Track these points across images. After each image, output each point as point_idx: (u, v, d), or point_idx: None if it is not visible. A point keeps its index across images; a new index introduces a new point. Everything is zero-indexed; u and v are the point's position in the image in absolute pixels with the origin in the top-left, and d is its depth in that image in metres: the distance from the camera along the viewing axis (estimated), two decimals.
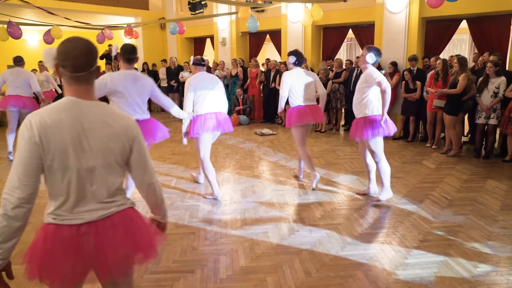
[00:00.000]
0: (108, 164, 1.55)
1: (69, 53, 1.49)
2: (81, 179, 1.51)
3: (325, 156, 6.36)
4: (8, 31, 7.36)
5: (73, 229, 1.53)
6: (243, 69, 9.91)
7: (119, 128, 1.57)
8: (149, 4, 11.89)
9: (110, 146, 1.54)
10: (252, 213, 4.07)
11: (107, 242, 1.56)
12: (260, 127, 8.90)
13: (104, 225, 1.57)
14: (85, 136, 1.49)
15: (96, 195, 1.56)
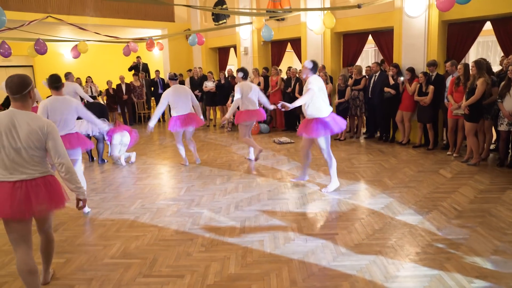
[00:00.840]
0: (29, 147, 2.55)
1: (7, 84, 2.56)
2: (12, 154, 2.52)
3: (339, 165, 6.25)
4: (35, 48, 7.89)
5: (10, 184, 2.53)
6: (266, 78, 9.99)
7: (36, 126, 2.56)
8: (174, 16, 12.28)
9: (30, 137, 2.54)
10: (252, 221, 4.10)
11: (32, 194, 2.57)
12: (281, 136, 8.92)
13: (31, 184, 2.58)
14: (15, 130, 2.52)
15: (23, 164, 2.56)
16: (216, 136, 9.44)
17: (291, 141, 8.27)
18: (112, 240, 3.79)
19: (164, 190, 5.30)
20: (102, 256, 3.47)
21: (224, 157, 7.17)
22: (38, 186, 2.59)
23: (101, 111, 6.74)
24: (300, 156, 5.42)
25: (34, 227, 2.80)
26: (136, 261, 3.35)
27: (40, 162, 2.62)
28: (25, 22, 9.13)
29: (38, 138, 2.57)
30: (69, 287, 3.00)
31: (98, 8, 10.49)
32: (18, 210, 2.51)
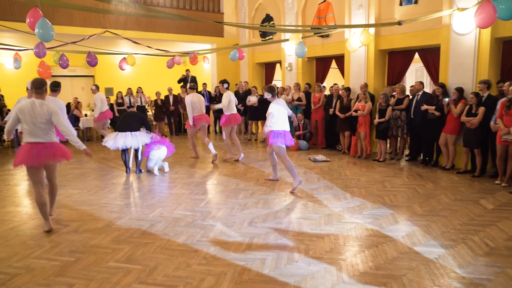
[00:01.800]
0: (42, 122, 4.05)
1: (33, 83, 4.14)
2: (32, 126, 4.03)
3: (370, 187, 5.96)
4: (87, 60, 8.54)
5: (31, 144, 4.06)
6: (308, 94, 9.89)
7: (45, 109, 4.09)
8: (224, 32, 12.66)
9: (41, 115, 4.05)
10: (261, 239, 4.01)
11: (42, 152, 4.07)
12: (320, 153, 8.72)
13: (42, 145, 4.09)
14: (34, 111, 4.04)
15: (38, 133, 4.06)
16: (253, 150, 9.46)
17: (327, 159, 8.04)
18: (123, 244, 3.91)
19: (186, 201, 5.38)
20: (108, 259, 3.59)
21: (254, 171, 7.15)
22: (46, 147, 4.11)
23: (142, 121, 7.02)
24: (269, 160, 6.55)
25: None
26: (137, 267, 3.42)
27: (48, 132, 4.14)
28: (86, 36, 9.96)
29: (46, 116, 4.07)
30: (69, 286, 3.13)
31: (151, 24, 11.14)
32: (32, 160, 4.03)
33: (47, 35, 4.94)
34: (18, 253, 3.74)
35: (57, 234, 4.21)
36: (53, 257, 3.64)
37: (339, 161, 8.03)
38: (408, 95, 7.72)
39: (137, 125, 6.89)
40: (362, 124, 8.06)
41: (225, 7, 12.59)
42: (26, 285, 3.15)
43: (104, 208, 5.08)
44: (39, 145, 4.05)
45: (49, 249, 3.82)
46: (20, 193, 5.89)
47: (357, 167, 7.43)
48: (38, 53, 6.16)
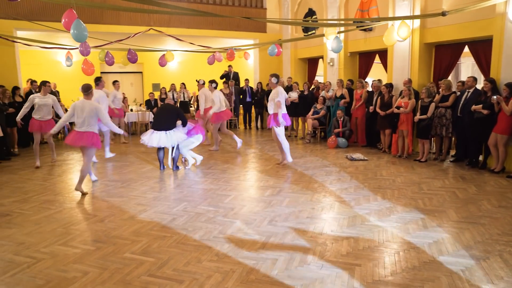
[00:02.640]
0: (89, 117, 5.45)
1: (83, 87, 5.58)
2: (81, 120, 5.45)
3: (404, 189, 5.62)
4: (128, 57, 8.89)
5: (77, 132, 5.48)
6: (350, 90, 9.55)
7: (93, 107, 5.47)
8: (266, 27, 12.59)
9: (89, 113, 5.45)
10: (278, 238, 3.93)
11: (83, 138, 5.44)
12: (358, 151, 8.41)
13: (84, 134, 5.45)
14: (83, 109, 5.44)
15: (85, 124, 5.46)
16: (291, 147, 9.31)
17: (365, 158, 7.71)
18: (142, 237, 4.02)
19: (212, 196, 5.42)
20: (125, 250, 3.71)
21: (287, 169, 7.04)
22: (87, 136, 5.44)
23: (176, 116, 7.03)
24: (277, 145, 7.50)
25: None
26: (150, 260, 3.49)
27: (92, 125, 5.49)
28: (131, 34, 10.39)
29: (94, 113, 5.47)
30: (84, 273, 3.27)
31: (194, 21, 11.35)
32: (75, 142, 5.46)
33: (81, 35, 5.21)
34: (47, 239, 3.98)
35: (85, 223, 4.44)
36: (77, 245, 3.83)
37: (377, 160, 7.67)
38: (455, 92, 7.16)
39: (172, 122, 6.80)
40: (404, 121, 7.62)
41: (268, 3, 12.51)
42: (47, 269, 3.35)
43: (132, 200, 5.27)
44: (81, 133, 5.45)
45: (74, 237, 4.03)
46: (62, 184, 6.28)
47: (395, 167, 7.05)
48: (83, 51, 6.51)
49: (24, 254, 3.65)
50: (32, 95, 7.22)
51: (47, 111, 7.24)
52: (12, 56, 9.44)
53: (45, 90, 7.19)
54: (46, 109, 7.21)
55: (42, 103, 7.12)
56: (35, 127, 7.20)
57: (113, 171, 7.07)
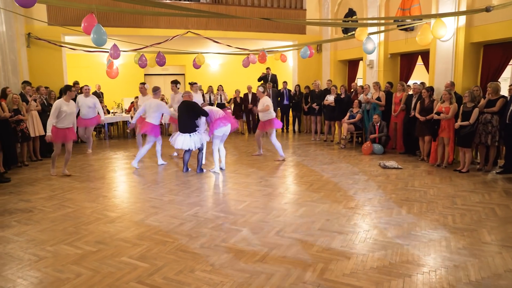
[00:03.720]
0: (154, 112, 7.18)
1: (153, 89, 7.53)
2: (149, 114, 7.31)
3: (435, 202, 5.12)
4: (156, 60, 9.04)
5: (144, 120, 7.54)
6: (389, 93, 9.01)
7: (158, 104, 7.23)
8: (306, 29, 12.28)
9: (155, 108, 7.18)
10: (281, 250, 3.70)
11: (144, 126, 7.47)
12: (395, 159, 7.89)
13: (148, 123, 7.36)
14: (150, 105, 7.21)
15: (151, 117, 7.31)
16: (324, 152, 8.98)
17: (399, 166, 7.19)
18: (144, 241, 3.98)
19: (227, 202, 5.30)
20: (124, 253, 3.69)
21: (313, 175, 6.74)
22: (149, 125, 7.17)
23: (196, 113, 6.75)
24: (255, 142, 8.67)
25: None
26: (145, 266, 3.43)
27: (157, 118, 7.13)
28: (169, 37, 10.61)
29: (157, 108, 6.99)
30: (77, 275, 3.28)
31: (232, 23, 11.35)
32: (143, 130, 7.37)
33: (100, 39, 5.35)
34: (56, 238, 4.08)
35: (96, 224, 4.50)
36: (80, 246, 3.88)
37: (413, 169, 7.11)
38: (504, 96, 6.44)
39: (193, 122, 6.74)
40: (445, 128, 7.01)
41: (307, 4, 12.19)
42: (45, 268, 3.40)
43: (147, 202, 5.29)
44: (147, 123, 7.22)
45: (81, 237, 4.09)
46: (90, 183, 6.48)
47: (430, 177, 6.48)
48: (112, 54, 6.70)
49: (30, 252, 3.75)
50: (57, 101, 6.55)
51: (72, 120, 6.75)
52: (59, 59, 10.03)
53: (70, 96, 6.58)
54: (72, 117, 6.70)
55: (69, 111, 6.56)
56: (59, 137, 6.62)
57: (138, 171, 7.20)
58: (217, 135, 6.89)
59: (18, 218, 4.71)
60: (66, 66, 10.48)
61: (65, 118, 6.53)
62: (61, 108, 6.42)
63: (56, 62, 10.01)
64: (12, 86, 8.27)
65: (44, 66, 9.82)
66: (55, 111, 6.38)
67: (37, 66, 9.76)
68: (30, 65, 9.64)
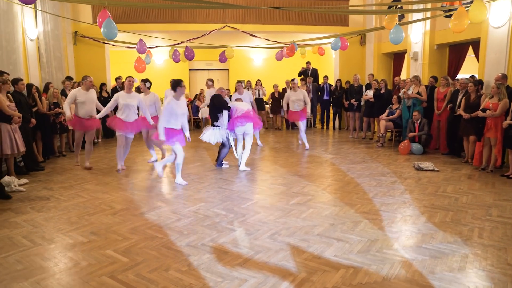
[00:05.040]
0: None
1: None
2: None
3: (464, 211, 4.50)
4: (185, 54, 9.04)
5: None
6: (432, 89, 8.21)
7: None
8: (349, 20, 11.64)
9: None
10: (267, 255, 3.45)
11: None
12: (435, 160, 7.18)
13: None
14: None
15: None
16: (358, 151, 8.44)
17: (435, 169, 6.50)
18: (135, 235, 3.95)
19: (234, 199, 5.12)
20: (111, 246, 3.67)
21: (337, 175, 6.34)
22: None
23: (219, 106, 6.61)
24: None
25: None
26: (123, 261, 3.38)
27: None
28: (206, 32, 10.64)
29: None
30: (54, 263, 3.31)
31: (270, 16, 11.09)
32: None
33: (111, 33, 5.42)
34: (57, 227, 4.18)
35: (99, 215, 4.57)
36: (74, 236, 3.94)
37: (452, 172, 6.39)
38: None
39: (215, 115, 6.67)
40: (491, 127, 6.20)
41: None
42: (35, 256, 3.48)
43: (156, 196, 5.29)
44: None
45: (79, 227, 4.16)
46: (111, 175, 6.66)
47: (469, 182, 5.77)
48: (139, 49, 6.83)
49: (29, 238, 3.89)
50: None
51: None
52: (102, 56, 10.51)
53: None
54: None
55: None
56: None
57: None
58: (237, 133, 6.74)
59: (34, 205, 4.95)
60: (110, 62, 10.96)
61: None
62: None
63: (99, 58, 10.51)
64: (57, 81, 8.81)
65: (88, 62, 10.36)
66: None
67: (82, 62, 10.33)
68: (76, 62, 10.22)
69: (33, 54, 7.84)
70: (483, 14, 5.10)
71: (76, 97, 6.62)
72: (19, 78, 6.64)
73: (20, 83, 6.63)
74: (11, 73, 6.89)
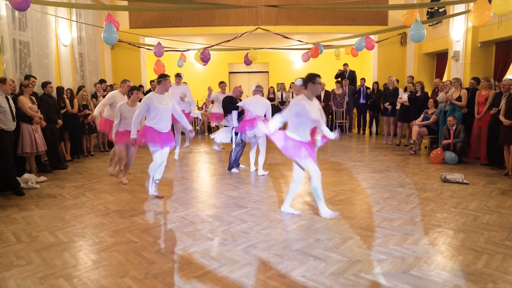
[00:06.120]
0: None
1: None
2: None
3: (479, 233, 3.90)
4: (200, 57, 8.99)
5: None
6: (474, 91, 7.38)
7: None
8: (388, 19, 10.90)
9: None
10: (229, 270, 3.23)
11: None
12: (469, 171, 6.43)
13: None
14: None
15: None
16: (387, 158, 7.83)
17: (464, 181, 5.79)
18: (114, 238, 3.93)
19: (229, 206, 4.93)
20: (85, 248, 3.68)
21: (349, 184, 5.90)
22: None
23: (229, 109, 6.56)
24: None
25: None
26: (87, 264, 3.36)
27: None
28: (238, 34, 10.59)
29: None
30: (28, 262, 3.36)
31: (303, 16, 10.76)
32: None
33: (110, 38, 5.52)
34: (48, 224, 4.31)
35: (92, 215, 4.64)
36: (59, 235, 4.00)
37: (484, 186, 5.65)
38: None
39: (227, 116, 6.63)
40: None
41: None
42: (14, 252, 3.61)
43: (153, 200, 5.26)
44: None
45: (67, 227, 4.24)
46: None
47: (500, 199, 5.04)
48: (156, 52, 6.94)
49: (17, 235, 4.03)
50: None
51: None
52: (137, 60, 10.91)
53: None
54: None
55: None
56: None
57: (188, 167, 7.31)
58: (248, 136, 6.55)
59: (40, 202, 5.17)
60: (146, 65, 11.34)
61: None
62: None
63: (135, 62, 10.92)
64: (91, 85, 9.28)
65: (125, 66, 10.81)
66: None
67: (119, 66, 10.80)
68: (113, 65, 10.72)
69: (66, 58, 8.31)
70: (509, 4, 4.38)
71: (114, 101, 6.35)
72: (48, 82, 7.06)
73: (49, 86, 7.06)
74: (42, 76, 7.36)
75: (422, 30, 6.07)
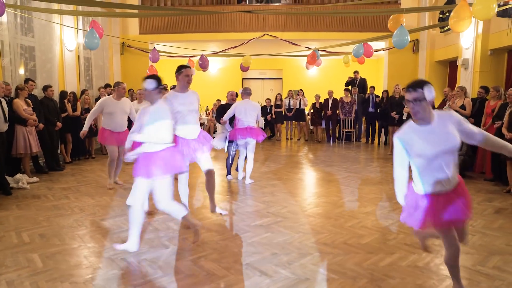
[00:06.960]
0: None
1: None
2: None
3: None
4: (199, 63, 8.95)
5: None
6: (483, 101, 6.96)
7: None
8: None
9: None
10: (169, 279, 3.16)
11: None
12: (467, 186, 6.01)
13: None
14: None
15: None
16: (385, 170, 7.51)
17: None
18: (75, 241, 3.95)
19: (198, 214, 4.87)
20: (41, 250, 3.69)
21: (334, 196, 5.68)
22: None
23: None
24: None
25: None
26: (38, 266, 3.35)
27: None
28: (245, 40, 10.57)
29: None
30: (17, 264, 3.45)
31: (311, 23, 10.59)
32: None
33: (92, 43, 5.59)
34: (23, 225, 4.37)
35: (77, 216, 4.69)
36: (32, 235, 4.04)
37: (479, 203, 5.27)
38: None
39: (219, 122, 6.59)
40: None
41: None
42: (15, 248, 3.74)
43: None
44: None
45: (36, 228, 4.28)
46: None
47: (491, 218, 4.68)
48: (152, 58, 7.01)
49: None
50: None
51: None
52: (146, 65, 11.10)
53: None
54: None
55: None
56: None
57: None
58: (239, 143, 6.45)
59: (22, 202, 5.30)
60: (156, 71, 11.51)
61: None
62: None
63: (145, 67, 11.11)
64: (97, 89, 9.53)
65: (134, 71, 11.02)
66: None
67: (129, 71, 11.03)
68: (122, 70, 10.96)
69: (70, 63, 8.57)
70: (490, 10, 4.03)
71: (103, 108, 5.75)
72: (48, 85, 7.29)
73: (49, 90, 7.28)
74: (44, 80, 7.62)
75: (405, 37, 5.78)
